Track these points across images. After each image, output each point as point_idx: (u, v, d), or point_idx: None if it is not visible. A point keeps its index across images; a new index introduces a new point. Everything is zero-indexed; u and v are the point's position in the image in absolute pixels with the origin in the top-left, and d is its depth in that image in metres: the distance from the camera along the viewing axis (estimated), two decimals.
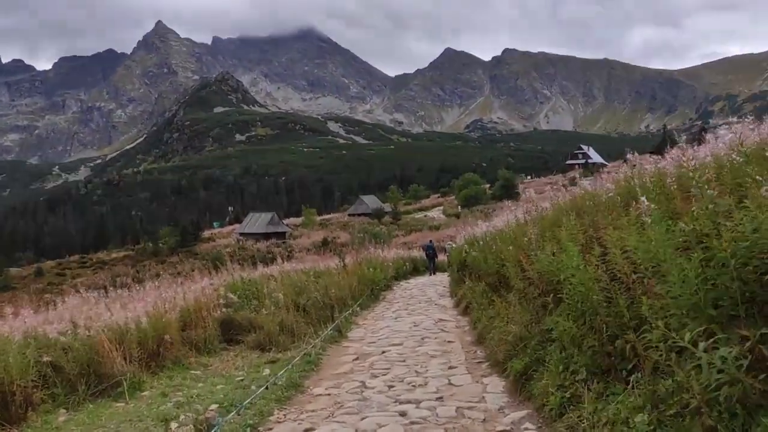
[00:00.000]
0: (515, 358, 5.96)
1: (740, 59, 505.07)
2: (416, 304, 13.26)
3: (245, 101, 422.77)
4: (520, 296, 6.88)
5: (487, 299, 9.40)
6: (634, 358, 3.92)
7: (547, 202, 8.74)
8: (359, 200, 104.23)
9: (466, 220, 73.58)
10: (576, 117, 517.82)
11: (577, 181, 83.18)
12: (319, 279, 15.07)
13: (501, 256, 8.50)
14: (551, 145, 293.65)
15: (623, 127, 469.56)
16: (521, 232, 7.84)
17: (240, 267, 20.87)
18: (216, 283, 12.31)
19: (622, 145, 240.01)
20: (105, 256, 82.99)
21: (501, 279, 9.12)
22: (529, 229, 6.94)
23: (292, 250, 67.81)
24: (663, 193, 4.37)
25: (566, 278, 4.69)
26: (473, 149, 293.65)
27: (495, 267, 9.26)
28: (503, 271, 8.29)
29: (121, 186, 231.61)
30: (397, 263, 22.39)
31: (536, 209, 7.87)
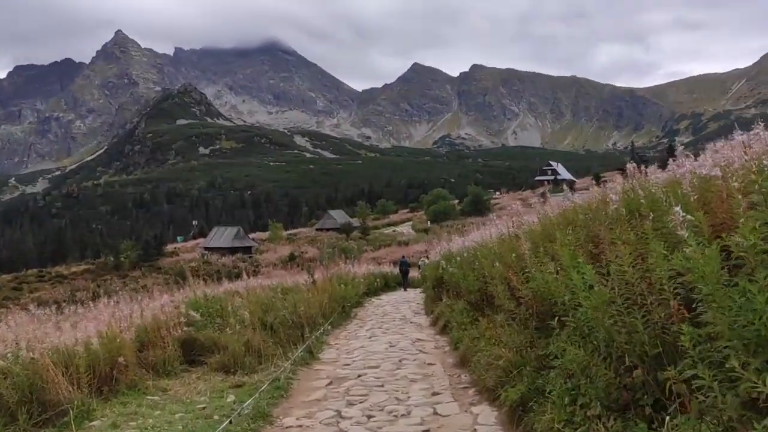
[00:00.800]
0: (508, 385, 5.50)
1: (705, 78, 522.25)
2: (390, 322, 12.75)
3: (209, 114, 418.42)
4: (510, 317, 6.45)
5: (468, 318, 8.97)
6: (659, 394, 3.49)
7: (533, 216, 8.40)
8: (327, 215, 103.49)
9: (436, 235, 73.67)
10: (544, 134, 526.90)
11: (547, 197, 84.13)
12: (287, 296, 14.47)
13: (484, 273, 8.08)
14: (519, 161, 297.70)
15: (590, 144, 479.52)
16: (507, 247, 7.44)
17: (204, 283, 20.07)
18: (177, 299, 11.61)
19: (590, 162, 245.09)
20: (64, 270, 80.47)
21: (484, 297, 8.71)
22: (520, 244, 6.53)
23: (258, 265, 66.60)
24: (703, 201, 3.95)
25: (572, 299, 4.28)
26: (441, 165, 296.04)
27: (477, 285, 8.84)
28: (489, 289, 7.88)
29: (81, 199, 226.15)
30: (368, 279, 21.86)
31: (521, 223, 7.48)
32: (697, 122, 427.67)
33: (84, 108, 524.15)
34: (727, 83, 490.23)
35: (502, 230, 9.44)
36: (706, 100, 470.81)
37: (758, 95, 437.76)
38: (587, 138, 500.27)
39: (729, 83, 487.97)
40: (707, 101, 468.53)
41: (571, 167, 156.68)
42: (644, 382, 3.67)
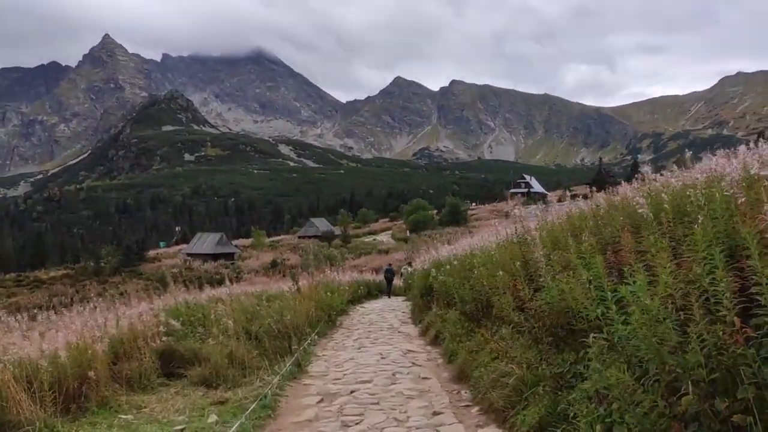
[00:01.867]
0: (519, 406, 4.86)
1: (666, 100, 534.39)
2: (378, 331, 12.04)
3: (195, 120, 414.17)
4: (516, 330, 5.82)
5: (463, 330, 8.33)
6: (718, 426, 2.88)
7: (531, 222, 7.81)
8: (309, 222, 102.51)
9: (415, 244, 73.05)
10: (517, 148, 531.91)
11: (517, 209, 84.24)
12: (272, 303, 13.71)
13: (483, 282, 7.45)
14: (494, 174, 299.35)
15: (561, 159, 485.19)
16: (510, 254, 6.82)
17: (186, 289, 19.16)
18: (157, 307, 10.78)
19: (560, 176, 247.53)
20: (43, 274, 78.16)
21: (481, 308, 8.08)
22: (528, 251, 5.91)
23: (240, 271, 65.51)
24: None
25: (604, 314, 3.66)
26: (421, 176, 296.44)
27: (473, 294, 8.20)
28: (489, 299, 7.26)
29: (63, 203, 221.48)
30: (353, 287, 21.14)
31: (528, 229, 6.85)
32: (658, 141, 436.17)
33: (69, 112, 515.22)
34: (686, 105, 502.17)
35: (500, 237, 8.83)
36: (667, 121, 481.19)
37: (715, 117, 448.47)
38: (558, 153, 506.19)
39: (688, 105, 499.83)
40: (667, 121, 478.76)
41: (542, 181, 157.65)
42: (699, 412, 3.06)
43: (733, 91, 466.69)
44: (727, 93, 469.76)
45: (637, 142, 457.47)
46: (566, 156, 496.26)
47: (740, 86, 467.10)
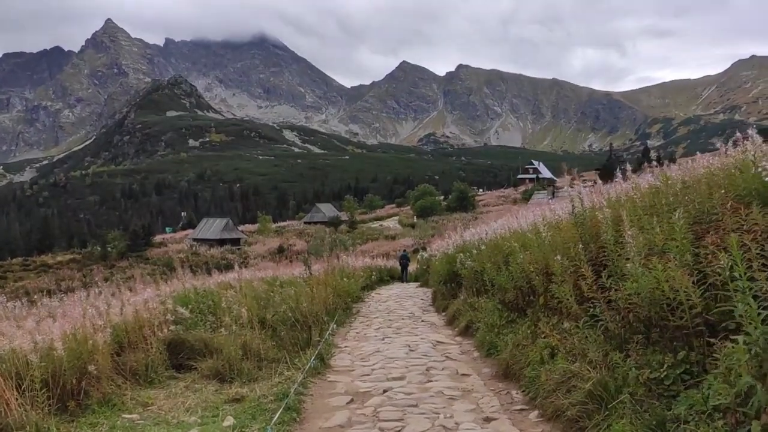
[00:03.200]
0: (597, 415, 4.05)
1: (676, 84, 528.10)
2: (399, 320, 11.24)
3: (199, 106, 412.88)
4: (586, 325, 4.98)
5: (502, 320, 7.52)
6: None
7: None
8: (315, 208, 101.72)
9: (422, 229, 72.26)
10: (524, 134, 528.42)
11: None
12: (285, 290, 12.97)
13: (531, 269, 6.63)
14: (500, 160, 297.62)
15: (568, 145, 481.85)
16: (567, 237, 5.98)
17: (192, 274, 18.45)
18: (164, 293, 10.02)
19: (568, 162, 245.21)
20: (49, 259, 78.04)
21: (524, 296, 7.26)
22: (600, 232, 5.08)
23: (247, 256, 65.12)
24: None
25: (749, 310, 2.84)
26: (426, 162, 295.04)
27: (516, 282, 7.38)
28: (534, 287, 6.45)
29: (68, 188, 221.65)
30: (366, 272, 20.37)
31: (597, 204, 5.99)
32: (668, 126, 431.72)
33: (73, 97, 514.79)
34: (697, 89, 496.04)
35: (538, 218, 7.98)
36: (677, 105, 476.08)
37: (727, 101, 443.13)
38: (565, 139, 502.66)
39: (699, 89, 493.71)
40: (678, 106, 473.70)
41: (550, 167, 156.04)
42: None
43: (746, 75, 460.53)
44: (740, 77, 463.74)
45: (646, 128, 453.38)
46: (574, 142, 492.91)
47: (754, 70, 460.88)
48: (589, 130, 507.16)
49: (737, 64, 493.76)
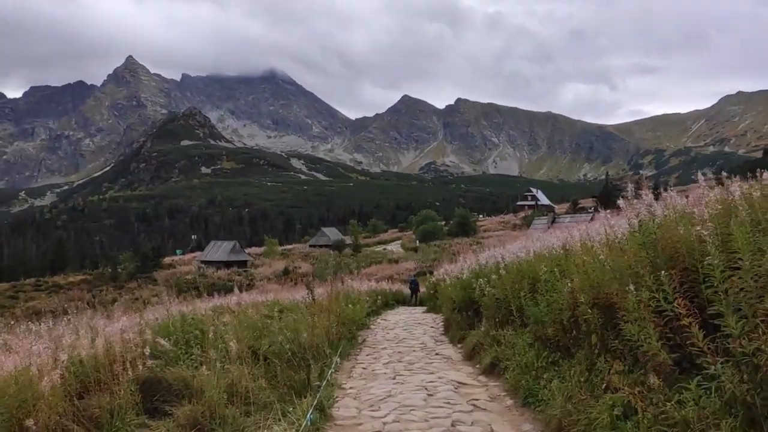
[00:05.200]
0: None
1: (667, 117, 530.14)
2: (410, 352, 9.65)
3: (212, 136, 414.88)
4: (696, 387, 3.44)
5: (542, 361, 5.95)
6: None
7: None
8: (321, 232, 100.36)
9: (424, 253, 70.65)
10: (521, 163, 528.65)
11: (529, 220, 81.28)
12: (284, 316, 11.41)
13: (580, 299, 5.09)
14: (498, 188, 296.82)
15: (564, 174, 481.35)
16: (628, 261, 4.44)
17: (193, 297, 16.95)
18: (146, 321, 8.46)
19: (563, 191, 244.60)
20: (61, 279, 76.69)
21: (566, 331, 5.71)
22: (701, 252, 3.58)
23: (253, 278, 63.62)
24: None
25: None
26: (427, 189, 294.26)
27: (556, 314, 5.84)
28: (580, 321, 4.93)
29: (86, 212, 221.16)
30: (372, 297, 18.78)
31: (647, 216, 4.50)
32: (660, 157, 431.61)
33: (93, 127, 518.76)
34: (687, 123, 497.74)
35: (574, 238, 6.48)
36: (668, 138, 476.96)
37: (716, 134, 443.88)
38: (561, 169, 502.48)
39: (689, 123, 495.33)
40: (669, 138, 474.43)
41: (547, 195, 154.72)
42: None
43: (733, 109, 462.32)
44: (728, 111, 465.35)
45: (639, 158, 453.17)
46: (569, 171, 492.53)
47: (741, 105, 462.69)
48: (584, 161, 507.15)
49: (724, 99, 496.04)
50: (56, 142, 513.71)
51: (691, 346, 3.61)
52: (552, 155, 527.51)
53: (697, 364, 3.69)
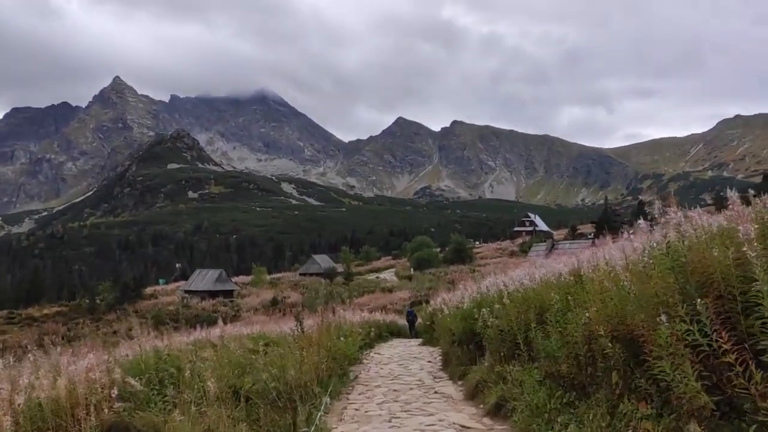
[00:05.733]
0: None
1: (665, 141, 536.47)
2: (407, 390, 9.16)
3: (200, 159, 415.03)
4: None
5: (556, 401, 5.51)
6: None
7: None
8: (311, 259, 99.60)
9: (419, 282, 69.97)
10: (518, 188, 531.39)
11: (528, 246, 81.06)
12: (271, 350, 10.92)
13: (600, 331, 4.69)
14: (495, 213, 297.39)
15: (561, 199, 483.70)
16: (655, 288, 4.05)
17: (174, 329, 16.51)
18: (116, 358, 7.95)
19: (561, 216, 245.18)
20: (36, 311, 75.27)
21: (581, 367, 5.30)
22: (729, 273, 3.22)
23: (239, 309, 62.68)
24: None
25: None
26: (422, 214, 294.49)
27: (570, 348, 5.44)
28: (598, 357, 4.52)
29: (65, 239, 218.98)
30: (365, 329, 18.25)
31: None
32: (658, 182, 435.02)
33: (76, 150, 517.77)
34: (685, 147, 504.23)
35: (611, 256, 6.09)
36: (666, 162, 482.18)
37: (714, 159, 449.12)
38: (558, 193, 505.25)
39: (687, 147, 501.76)
40: (667, 163, 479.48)
41: (545, 220, 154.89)
42: None
43: (731, 133, 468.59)
44: (726, 135, 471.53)
45: (637, 183, 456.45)
46: (567, 196, 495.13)
47: (739, 129, 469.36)
48: (582, 185, 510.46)
49: (722, 123, 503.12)
50: (37, 166, 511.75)
51: (733, 387, 3.26)
52: (549, 179, 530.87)
53: (739, 408, 3.34)
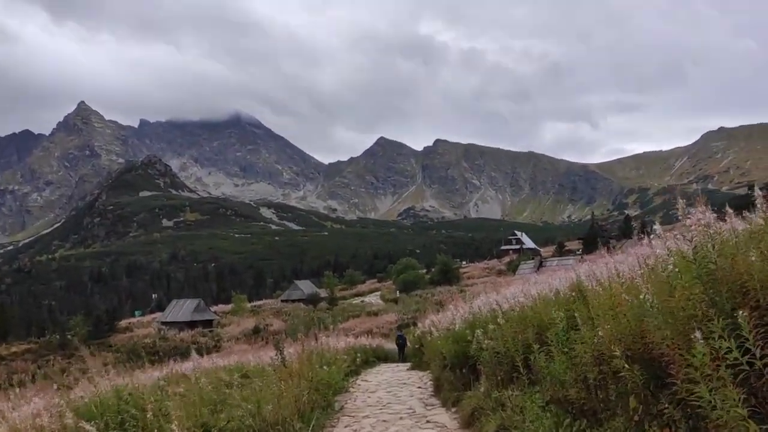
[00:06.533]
0: None
1: (649, 155, 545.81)
2: (397, 420, 8.60)
3: (174, 186, 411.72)
4: None
5: (566, 431, 5.05)
6: None
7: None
8: (293, 285, 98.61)
9: (405, 305, 69.38)
10: (504, 206, 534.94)
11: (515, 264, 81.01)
12: (249, 384, 10.35)
13: (615, 352, 4.24)
14: (481, 232, 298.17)
15: (547, 216, 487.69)
16: (681, 300, 3.63)
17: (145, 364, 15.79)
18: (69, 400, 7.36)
19: (548, 233, 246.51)
20: (3, 350, 73.51)
21: (589, 391, 4.85)
22: None
23: (220, 339, 61.54)
24: None
25: None
26: (406, 236, 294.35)
27: (579, 371, 4.99)
28: (625, 379, 4.08)
29: (33, 274, 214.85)
30: (350, 355, 17.64)
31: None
32: (644, 196, 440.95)
33: (41, 180, 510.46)
34: (669, 160, 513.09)
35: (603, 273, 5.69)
36: (651, 176, 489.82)
37: (699, 171, 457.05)
38: (544, 210, 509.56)
39: (672, 160, 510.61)
40: (652, 176, 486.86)
41: (532, 237, 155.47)
42: None
43: (716, 146, 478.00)
44: (710, 148, 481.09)
45: (623, 198, 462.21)
46: (553, 213, 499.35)
47: (723, 141, 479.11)
48: (567, 201, 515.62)
49: (706, 136, 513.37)
50: (0, 198, 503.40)
51: None
52: (535, 197, 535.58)
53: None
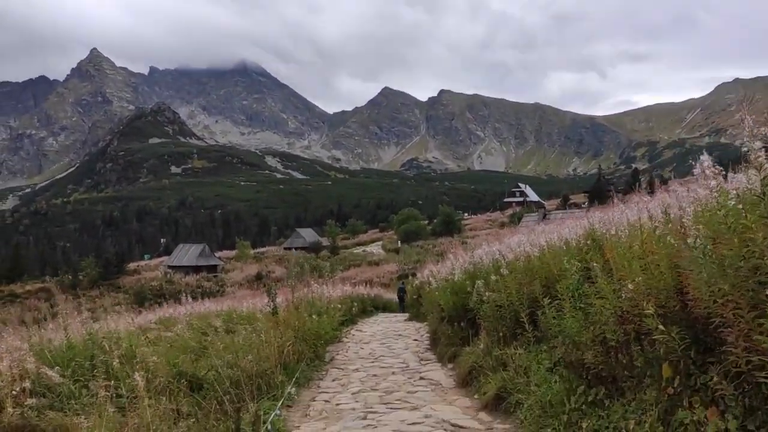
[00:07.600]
0: None
1: (660, 107, 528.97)
2: (388, 375, 7.96)
3: (182, 133, 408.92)
4: None
5: (578, 398, 4.28)
6: None
7: None
8: (296, 233, 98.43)
9: (407, 255, 69.02)
10: (508, 158, 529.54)
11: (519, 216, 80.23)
12: (237, 330, 9.67)
13: (644, 306, 3.41)
14: (484, 184, 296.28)
15: (552, 169, 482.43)
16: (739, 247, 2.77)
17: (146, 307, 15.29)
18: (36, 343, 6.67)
19: (552, 186, 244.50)
20: (18, 288, 74.37)
21: (608, 354, 4.05)
22: None
23: (223, 284, 61.70)
24: None
25: None
26: (409, 187, 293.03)
27: (597, 332, 4.18)
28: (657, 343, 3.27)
29: (49, 216, 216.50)
30: (345, 304, 17.04)
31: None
32: (653, 150, 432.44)
33: (57, 125, 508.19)
34: (681, 113, 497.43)
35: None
36: (662, 129, 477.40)
37: (712, 124, 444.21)
38: (549, 163, 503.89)
39: (683, 113, 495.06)
40: (662, 130, 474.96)
41: (536, 191, 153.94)
42: None
43: (730, 98, 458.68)
44: (724, 100, 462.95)
45: (631, 151, 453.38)
46: (558, 166, 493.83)
47: (738, 93, 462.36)
48: (573, 154, 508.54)
49: (720, 87, 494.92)
50: (18, 142, 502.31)
51: None
52: (540, 149, 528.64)
53: None
